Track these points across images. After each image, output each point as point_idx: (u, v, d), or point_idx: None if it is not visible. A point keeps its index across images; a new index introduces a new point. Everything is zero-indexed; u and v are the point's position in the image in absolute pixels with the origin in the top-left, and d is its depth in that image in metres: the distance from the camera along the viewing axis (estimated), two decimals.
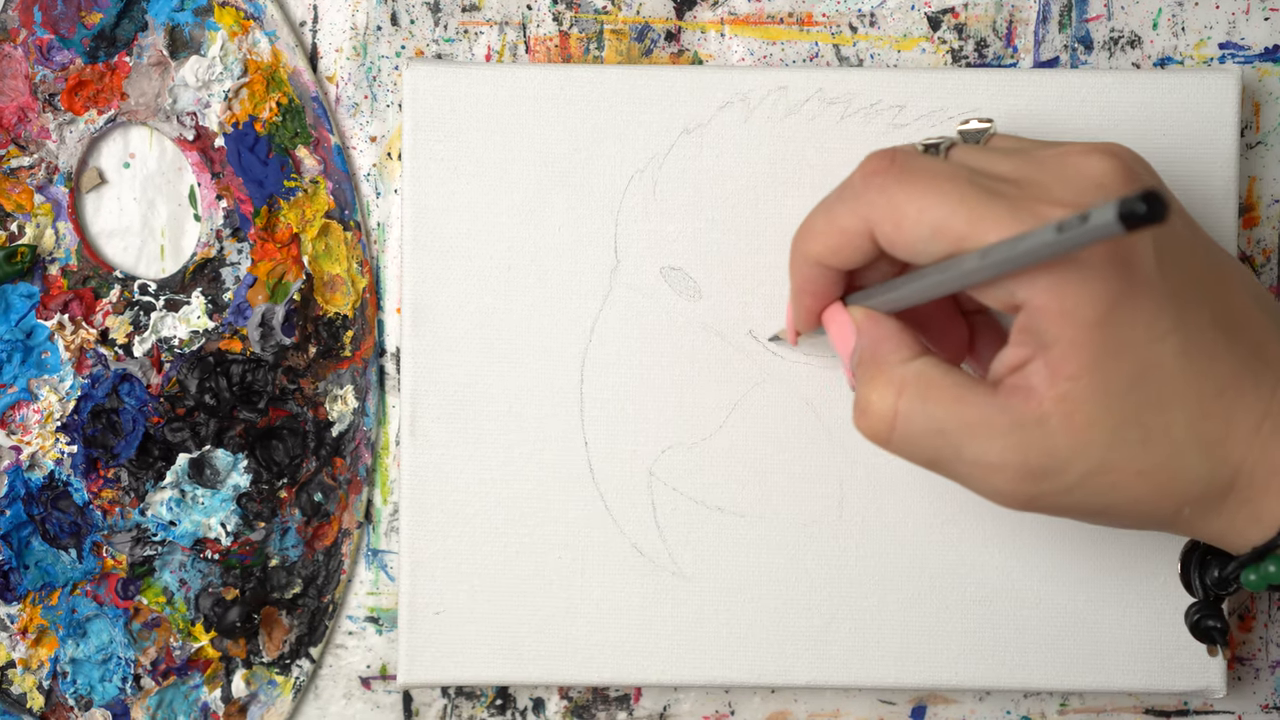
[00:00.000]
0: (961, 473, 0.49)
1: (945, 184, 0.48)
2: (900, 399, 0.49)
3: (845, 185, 0.50)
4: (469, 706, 0.61)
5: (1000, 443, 0.47)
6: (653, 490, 0.59)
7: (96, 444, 0.60)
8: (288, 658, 0.61)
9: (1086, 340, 0.46)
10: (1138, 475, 0.47)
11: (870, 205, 0.49)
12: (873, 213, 0.49)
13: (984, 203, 0.47)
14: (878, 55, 0.61)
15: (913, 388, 0.49)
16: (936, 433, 0.48)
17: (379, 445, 0.61)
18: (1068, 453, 0.47)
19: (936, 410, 0.48)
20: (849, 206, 0.50)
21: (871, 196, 0.49)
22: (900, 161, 0.49)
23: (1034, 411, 0.47)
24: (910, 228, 0.48)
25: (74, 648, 0.60)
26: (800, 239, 0.52)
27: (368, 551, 0.61)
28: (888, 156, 0.49)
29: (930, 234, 0.48)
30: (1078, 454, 0.47)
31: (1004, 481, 0.48)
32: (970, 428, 0.48)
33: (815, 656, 0.59)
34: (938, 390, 0.49)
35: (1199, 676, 0.59)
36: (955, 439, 0.48)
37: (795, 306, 0.54)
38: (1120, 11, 0.60)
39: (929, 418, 0.48)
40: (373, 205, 0.61)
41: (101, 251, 0.60)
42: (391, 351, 0.61)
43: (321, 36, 0.60)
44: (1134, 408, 0.47)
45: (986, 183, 0.48)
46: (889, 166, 0.49)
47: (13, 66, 0.59)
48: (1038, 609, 0.59)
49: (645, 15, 0.60)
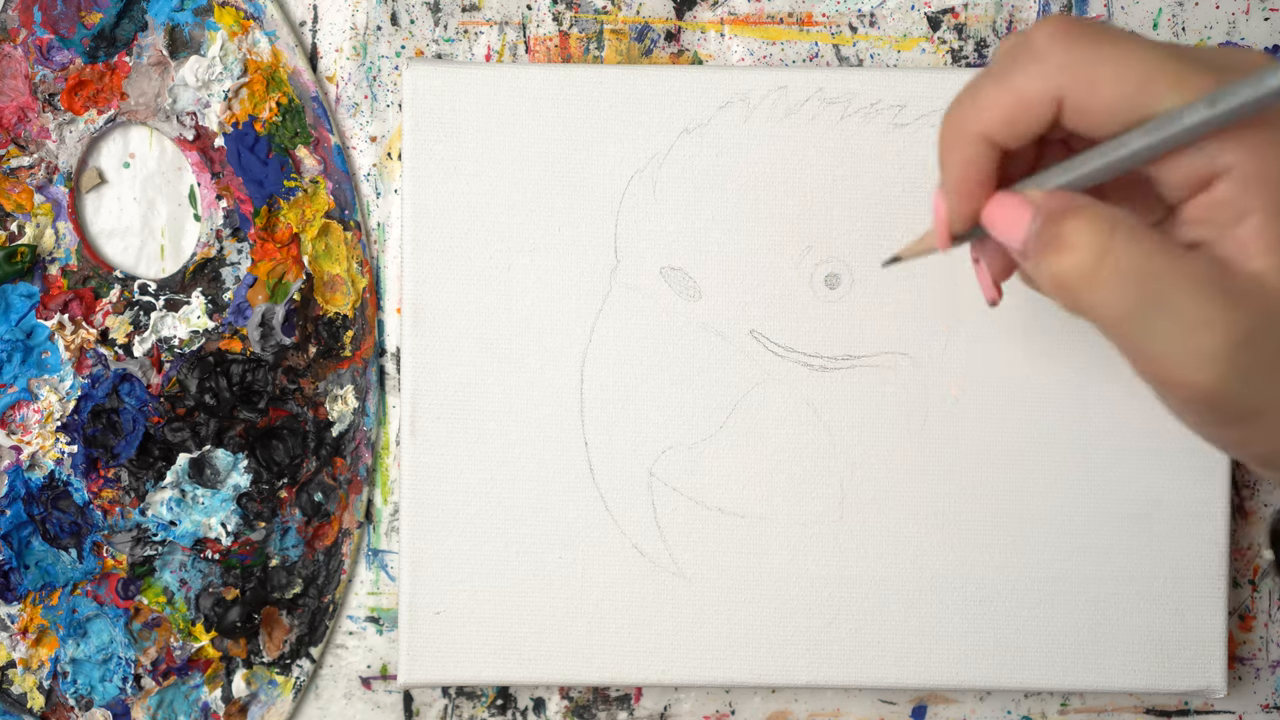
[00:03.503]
0: (1159, 328, 0.44)
1: (1143, 44, 0.45)
2: (1114, 237, 0.44)
3: (1019, 48, 0.46)
4: (469, 706, 0.61)
5: (1210, 294, 0.44)
6: (653, 490, 0.59)
7: (96, 444, 0.60)
8: (288, 658, 0.61)
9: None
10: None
11: (1060, 69, 0.45)
12: (1063, 77, 0.45)
13: (1184, 67, 0.44)
14: (878, 55, 0.60)
15: (1126, 227, 0.45)
16: (1148, 276, 0.44)
17: (379, 445, 0.61)
18: (1274, 318, 0.44)
19: (1151, 253, 0.44)
20: (1030, 71, 0.45)
21: (1059, 58, 0.45)
22: (1089, 24, 0.45)
23: (1245, 270, 0.44)
24: (1107, 90, 0.44)
25: (74, 648, 0.60)
26: (960, 114, 0.47)
27: (368, 551, 0.61)
28: (1073, 19, 0.45)
29: (1132, 94, 0.44)
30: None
31: (1208, 340, 0.44)
32: (1182, 275, 0.44)
33: (815, 656, 0.59)
34: (1148, 236, 0.44)
35: (1199, 676, 0.59)
36: (1163, 287, 0.44)
37: (953, 199, 0.47)
38: (1120, 11, 0.60)
39: (1144, 260, 0.44)
40: (373, 205, 0.61)
41: (101, 251, 0.60)
42: (391, 351, 0.61)
43: (321, 36, 0.60)
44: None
45: (1183, 50, 0.45)
46: (1078, 27, 0.45)
47: (13, 66, 0.59)
48: (1038, 609, 0.59)
49: (645, 15, 0.60)
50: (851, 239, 0.58)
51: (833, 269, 0.59)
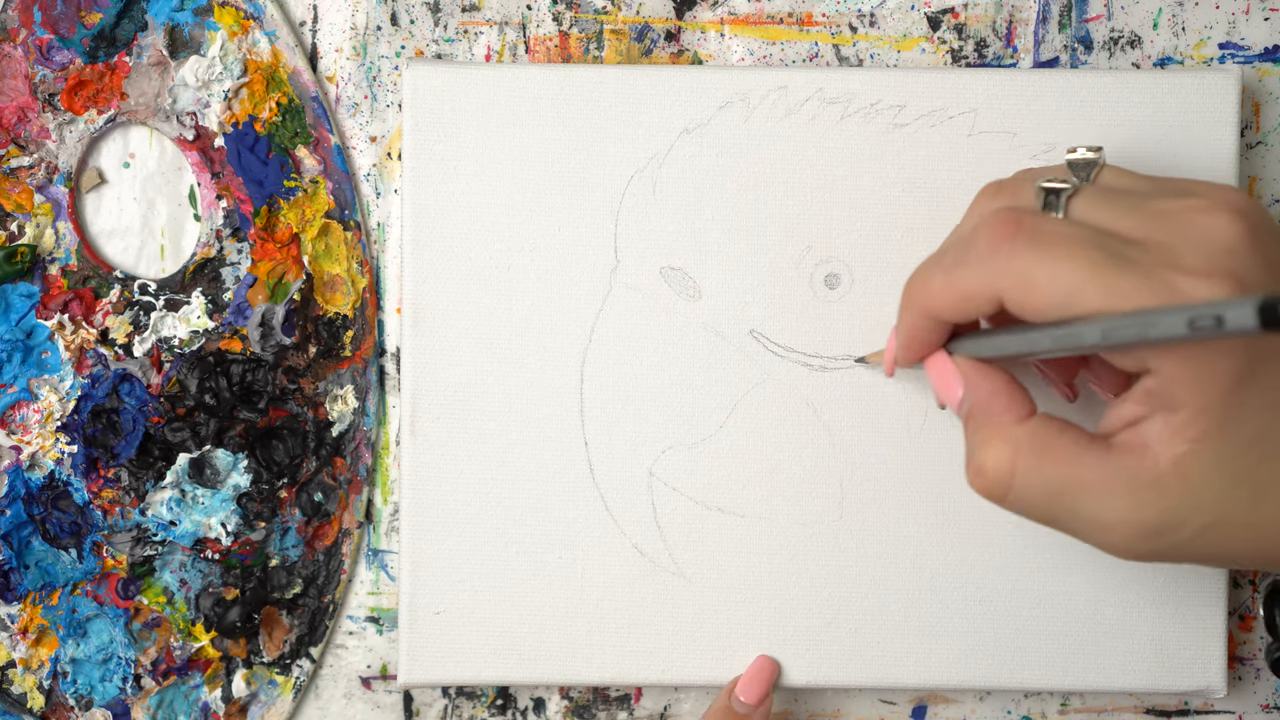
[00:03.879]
0: (1077, 529, 0.49)
1: (1075, 250, 0.47)
2: (1017, 460, 0.49)
3: (967, 245, 0.50)
4: (469, 706, 0.61)
5: (1116, 502, 0.48)
6: (653, 490, 0.59)
7: (96, 444, 0.60)
8: (288, 658, 0.61)
9: (1214, 406, 0.46)
10: (1248, 528, 0.48)
11: (998, 272, 0.48)
12: (1001, 280, 0.48)
13: (1115, 271, 0.46)
14: (877, 55, 0.60)
15: (1028, 448, 0.49)
16: (1053, 493, 0.49)
17: (379, 445, 0.61)
18: (1184, 511, 0.47)
19: (1053, 471, 0.48)
20: (973, 271, 0.49)
21: (1000, 263, 0.48)
22: (1028, 226, 0.48)
23: (1150, 471, 0.47)
24: (1041, 295, 0.47)
25: (74, 648, 0.60)
26: (916, 293, 0.51)
27: (368, 551, 0.61)
28: (1013, 219, 0.48)
29: (1062, 301, 0.47)
30: (1193, 512, 0.47)
31: (1120, 539, 0.48)
32: (1086, 487, 0.48)
33: (815, 656, 0.59)
34: (1053, 450, 0.49)
35: (1199, 676, 0.59)
36: (1071, 498, 0.48)
37: (901, 348, 0.53)
38: (1120, 11, 0.60)
39: (1045, 478, 0.49)
40: (373, 205, 0.61)
41: (101, 251, 0.60)
42: (391, 351, 0.61)
43: (321, 36, 0.60)
44: (1249, 465, 0.47)
45: (1115, 246, 0.47)
46: (1016, 231, 0.48)
47: (13, 66, 0.59)
48: (1038, 609, 0.59)
49: (645, 15, 0.60)
50: (851, 239, 0.58)
51: (833, 269, 0.59)
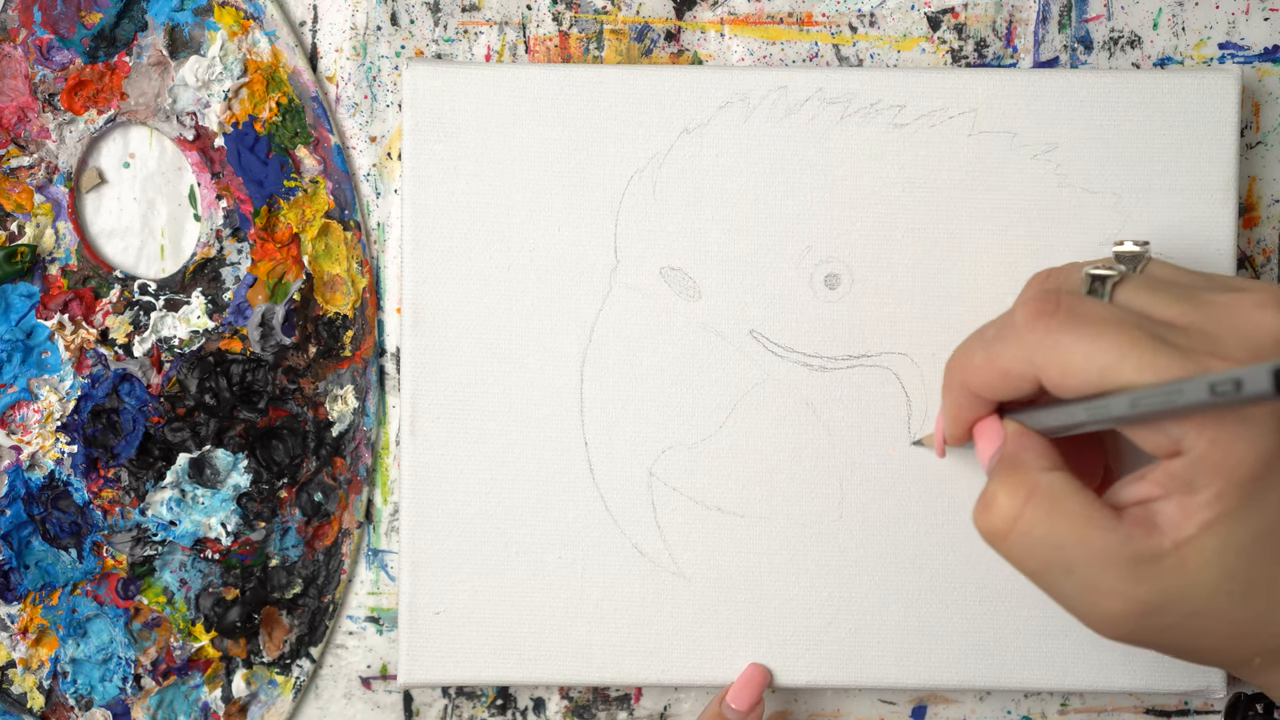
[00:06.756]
0: (1068, 590, 0.49)
1: (1113, 331, 0.47)
2: (1027, 504, 0.49)
3: (1007, 322, 0.50)
4: (469, 706, 0.61)
5: (1115, 571, 0.48)
6: (653, 490, 0.59)
7: (96, 444, 0.60)
8: (288, 658, 0.61)
9: (1232, 494, 0.46)
10: (1229, 624, 0.48)
11: (1035, 349, 0.49)
12: (1038, 357, 0.49)
13: (1153, 351, 0.47)
14: (877, 55, 0.61)
15: (1042, 496, 0.49)
16: (1054, 546, 0.48)
17: (379, 445, 0.61)
18: (1175, 593, 0.47)
19: (1060, 525, 0.48)
20: (1012, 349, 0.49)
21: (1037, 340, 0.49)
22: (1066, 305, 0.48)
23: (1154, 548, 0.47)
24: (1077, 374, 0.48)
25: (74, 648, 0.60)
26: (958, 369, 0.52)
27: (368, 551, 0.61)
28: (1053, 299, 0.49)
29: (1097, 379, 0.47)
30: (1183, 596, 0.47)
31: (1111, 608, 0.48)
32: (1088, 550, 0.48)
33: (815, 656, 0.59)
34: (1065, 505, 0.49)
35: (1199, 676, 0.59)
36: (1070, 557, 0.48)
37: (948, 423, 0.53)
38: (1120, 11, 0.60)
39: (1050, 530, 0.48)
40: (373, 205, 0.61)
41: (101, 251, 0.60)
42: (391, 351, 0.61)
43: (321, 36, 0.60)
44: (1249, 560, 0.47)
45: (1156, 329, 0.47)
46: (1055, 310, 0.48)
47: (13, 66, 0.59)
48: (1038, 609, 0.59)
49: (645, 15, 0.60)
50: (851, 239, 0.58)
51: (833, 269, 0.59)
